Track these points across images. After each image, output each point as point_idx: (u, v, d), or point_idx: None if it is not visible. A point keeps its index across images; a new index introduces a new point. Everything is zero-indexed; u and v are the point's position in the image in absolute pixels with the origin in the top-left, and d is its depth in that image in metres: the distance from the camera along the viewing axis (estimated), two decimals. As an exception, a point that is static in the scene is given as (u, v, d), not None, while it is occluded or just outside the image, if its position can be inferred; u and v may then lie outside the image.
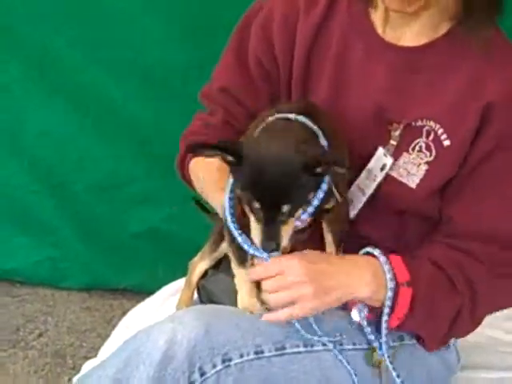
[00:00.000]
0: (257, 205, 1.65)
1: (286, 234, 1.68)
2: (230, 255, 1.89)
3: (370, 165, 1.91)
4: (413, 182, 1.89)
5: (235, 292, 1.90)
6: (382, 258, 1.84)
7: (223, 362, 1.73)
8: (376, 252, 1.85)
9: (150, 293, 2.79)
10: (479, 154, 1.86)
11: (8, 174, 3.46)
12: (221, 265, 2.11)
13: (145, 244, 3.49)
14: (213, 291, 2.10)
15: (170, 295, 2.75)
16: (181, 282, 2.78)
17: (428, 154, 1.88)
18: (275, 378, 1.78)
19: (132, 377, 1.69)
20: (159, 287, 2.80)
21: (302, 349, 1.82)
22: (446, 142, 1.87)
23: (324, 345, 1.84)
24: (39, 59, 3.27)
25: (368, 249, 1.87)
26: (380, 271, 1.83)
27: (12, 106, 3.37)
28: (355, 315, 1.88)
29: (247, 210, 1.70)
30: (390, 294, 1.82)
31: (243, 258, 1.85)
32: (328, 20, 1.99)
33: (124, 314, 2.81)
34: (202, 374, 1.71)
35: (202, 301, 2.17)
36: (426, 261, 1.88)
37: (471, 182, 1.88)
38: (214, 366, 1.72)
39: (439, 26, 1.90)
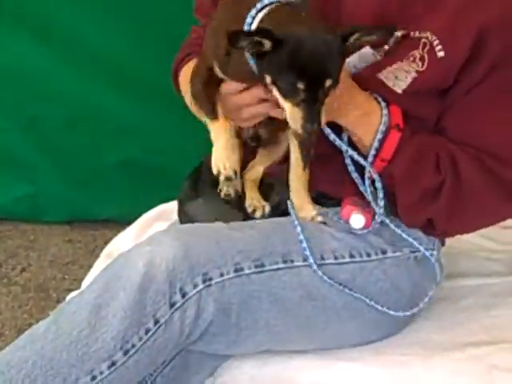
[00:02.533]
0: (301, 85, 1.63)
1: (323, 114, 1.68)
2: (201, 113, 1.86)
3: (353, 58, 1.89)
4: (399, 88, 1.88)
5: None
6: (383, 104, 1.87)
7: (204, 281, 1.72)
8: (378, 98, 1.89)
9: (131, 221, 2.78)
10: (476, 76, 1.85)
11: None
12: (199, 187, 2.07)
13: (122, 174, 3.48)
14: (194, 216, 2.07)
15: (151, 222, 2.75)
16: (160, 209, 2.79)
17: (420, 64, 1.86)
18: (256, 296, 1.77)
19: (112, 301, 1.67)
20: (140, 215, 2.80)
21: (281, 265, 1.80)
22: (440, 54, 1.85)
23: (304, 260, 1.82)
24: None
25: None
26: (377, 114, 1.87)
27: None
28: (356, 222, 1.89)
29: (281, 97, 1.67)
30: (379, 135, 1.85)
31: (215, 111, 1.83)
32: None
33: (106, 244, 2.81)
34: (184, 295, 1.70)
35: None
36: (421, 135, 1.90)
37: (467, 98, 1.88)
38: (195, 286, 1.71)
39: None
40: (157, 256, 1.69)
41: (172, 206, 2.38)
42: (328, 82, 1.64)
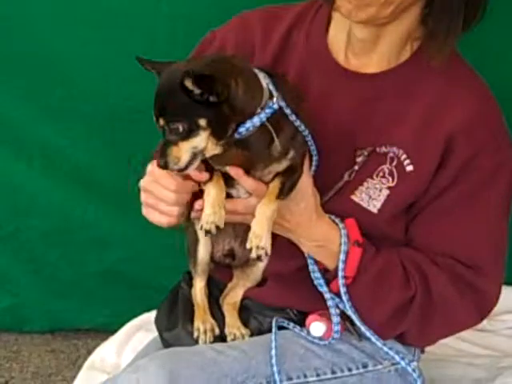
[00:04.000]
0: (154, 118, 1.71)
1: (178, 155, 1.69)
2: None
3: None
4: (374, 207, 1.91)
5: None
6: (341, 225, 1.89)
7: None
8: (336, 219, 1.90)
9: (114, 331, 2.80)
10: (443, 182, 1.89)
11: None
12: (175, 314, 2.09)
13: (103, 284, 3.45)
14: (173, 345, 2.07)
15: (133, 332, 2.76)
16: (143, 318, 2.81)
17: (390, 179, 1.90)
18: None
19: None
20: (122, 324, 2.81)
21: None
22: (409, 168, 1.89)
23: (289, 379, 1.85)
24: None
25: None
26: (335, 242, 1.88)
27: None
28: (315, 330, 1.91)
29: None
30: (342, 256, 1.86)
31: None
32: (284, 55, 2.00)
33: (89, 353, 2.81)
34: None
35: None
36: (387, 249, 1.92)
37: (433, 206, 1.91)
38: None
39: (401, 53, 1.92)
40: None
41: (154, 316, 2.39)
42: (161, 121, 1.69)
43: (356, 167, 1.92)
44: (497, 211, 1.94)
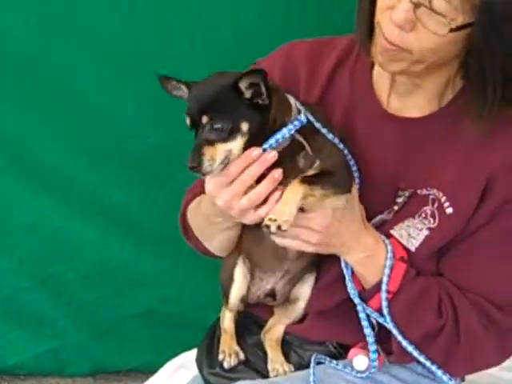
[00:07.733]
0: (188, 121, 1.72)
1: (214, 155, 1.69)
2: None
3: None
4: (412, 245, 1.92)
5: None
6: (387, 241, 1.90)
7: None
8: (381, 236, 1.92)
9: (154, 371, 2.80)
10: (480, 220, 1.89)
11: (-1, 273, 3.47)
12: (214, 351, 2.11)
13: (142, 324, 3.49)
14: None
15: (173, 371, 2.76)
16: (182, 358, 2.81)
17: (432, 220, 1.91)
18: None
19: None
20: (162, 365, 2.81)
21: None
22: (449, 210, 1.90)
23: None
24: (20, 154, 3.27)
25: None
26: (381, 253, 1.89)
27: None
28: (359, 363, 1.92)
29: None
30: (387, 270, 1.87)
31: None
32: (330, 94, 2.02)
33: (130, 395, 2.81)
34: None
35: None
36: (425, 276, 1.93)
37: (466, 243, 1.92)
38: None
39: (443, 97, 1.93)
40: None
41: (194, 355, 2.40)
42: (205, 119, 1.69)
43: (395, 207, 1.94)
44: None
